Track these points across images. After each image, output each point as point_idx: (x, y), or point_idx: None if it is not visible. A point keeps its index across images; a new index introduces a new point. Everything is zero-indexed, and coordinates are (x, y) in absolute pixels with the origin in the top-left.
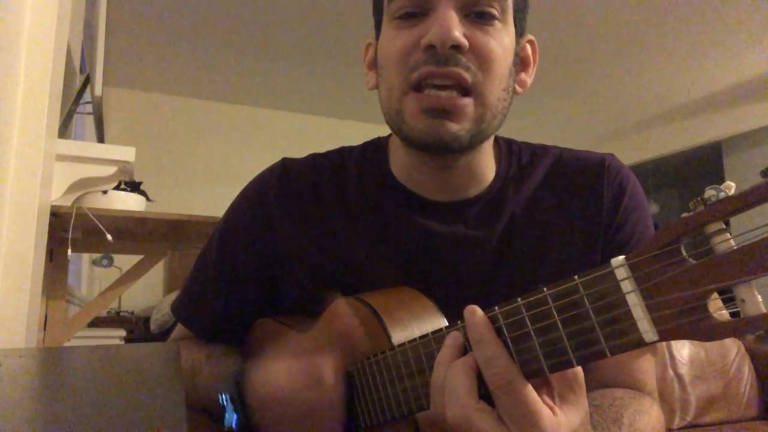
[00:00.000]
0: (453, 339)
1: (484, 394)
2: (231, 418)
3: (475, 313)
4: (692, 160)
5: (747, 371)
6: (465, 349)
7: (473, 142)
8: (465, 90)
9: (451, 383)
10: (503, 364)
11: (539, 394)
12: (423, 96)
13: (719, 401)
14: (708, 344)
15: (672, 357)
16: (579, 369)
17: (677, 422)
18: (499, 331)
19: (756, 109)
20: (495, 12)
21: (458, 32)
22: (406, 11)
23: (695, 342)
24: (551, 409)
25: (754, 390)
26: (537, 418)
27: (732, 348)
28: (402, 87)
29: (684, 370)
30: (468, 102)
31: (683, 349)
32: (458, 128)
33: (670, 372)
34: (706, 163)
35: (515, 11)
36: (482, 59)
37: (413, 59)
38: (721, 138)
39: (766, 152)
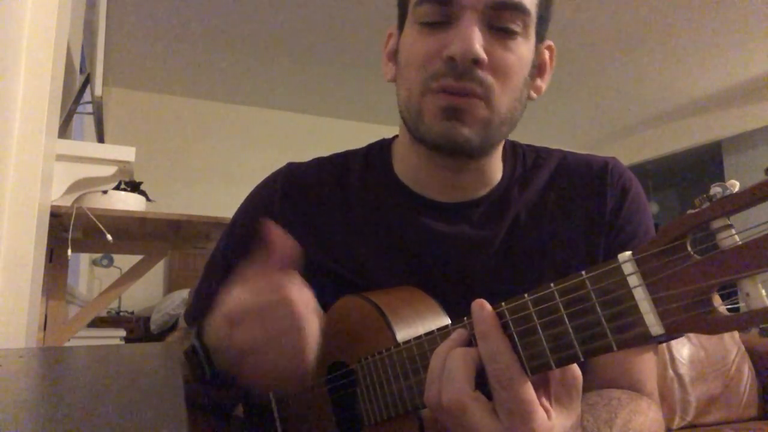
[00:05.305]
0: (458, 335)
1: (483, 390)
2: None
3: (483, 307)
4: (692, 160)
5: (747, 371)
6: (468, 345)
7: (484, 147)
8: (478, 96)
9: (450, 368)
10: (507, 360)
11: (537, 395)
12: (441, 96)
13: (719, 401)
14: (708, 344)
15: (672, 357)
16: (579, 373)
17: (677, 422)
18: (505, 327)
19: (756, 109)
20: (517, 29)
21: (479, 46)
22: (431, 20)
23: (695, 342)
24: (546, 411)
25: (754, 390)
26: (531, 417)
27: (732, 348)
28: (421, 89)
29: (684, 370)
30: (478, 102)
31: (683, 349)
32: (469, 131)
33: (670, 372)
34: (706, 163)
35: (538, 22)
36: (499, 73)
37: (433, 67)
38: (721, 138)
39: (766, 152)
